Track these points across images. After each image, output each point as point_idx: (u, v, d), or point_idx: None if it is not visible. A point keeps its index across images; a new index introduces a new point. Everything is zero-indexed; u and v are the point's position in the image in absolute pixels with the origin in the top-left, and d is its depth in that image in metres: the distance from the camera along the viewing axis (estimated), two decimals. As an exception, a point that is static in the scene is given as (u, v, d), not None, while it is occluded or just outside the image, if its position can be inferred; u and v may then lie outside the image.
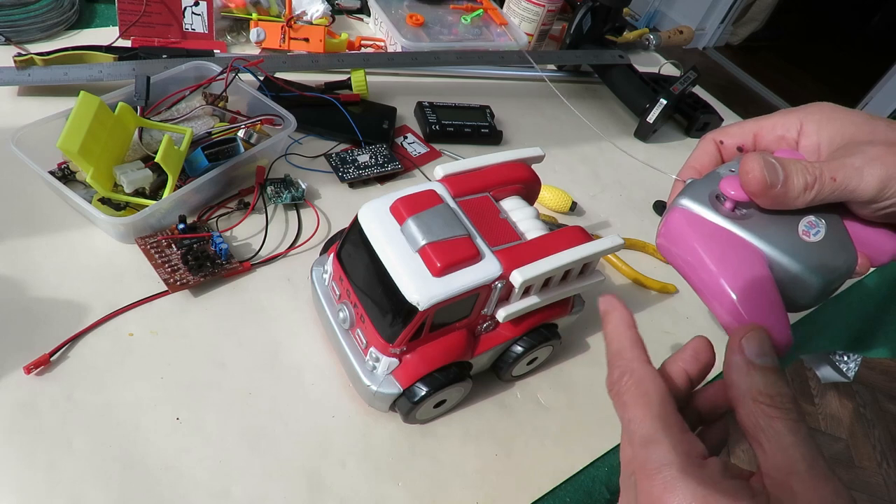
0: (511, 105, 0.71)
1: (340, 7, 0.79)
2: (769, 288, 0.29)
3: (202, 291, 0.43)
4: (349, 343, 0.37)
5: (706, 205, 0.31)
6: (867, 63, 2.64)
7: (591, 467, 0.41)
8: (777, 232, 0.30)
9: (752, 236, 0.30)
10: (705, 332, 0.51)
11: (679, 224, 0.31)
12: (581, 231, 0.39)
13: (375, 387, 0.36)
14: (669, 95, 0.69)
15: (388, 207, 0.35)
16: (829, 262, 0.30)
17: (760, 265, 0.29)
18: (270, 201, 0.50)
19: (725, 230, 0.30)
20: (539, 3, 0.77)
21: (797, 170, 0.29)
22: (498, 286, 0.34)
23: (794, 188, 0.29)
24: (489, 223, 0.37)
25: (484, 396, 0.42)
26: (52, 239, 0.43)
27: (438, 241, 0.33)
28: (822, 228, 0.31)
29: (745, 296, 0.29)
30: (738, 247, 0.30)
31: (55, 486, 0.32)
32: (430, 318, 0.33)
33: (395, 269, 0.33)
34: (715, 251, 0.30)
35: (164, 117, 0.49)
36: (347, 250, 0.37)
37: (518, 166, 0.41)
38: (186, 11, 0.63)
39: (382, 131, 0.60)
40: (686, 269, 0.31)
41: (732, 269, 0.29)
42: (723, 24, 3.04)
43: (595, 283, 0.40)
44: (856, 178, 0.28)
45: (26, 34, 0.59)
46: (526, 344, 0.39)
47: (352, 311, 0.37)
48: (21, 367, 0.35)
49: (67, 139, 0.39)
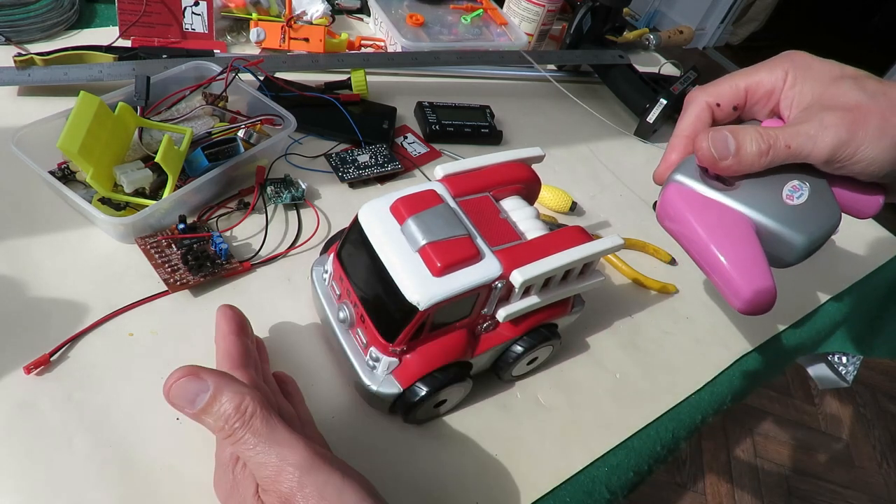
0: (511, 105, 0.71)
1: (340, 7, 0.79)
2: (756, 252, 0.33)
3: (202, 291, 0.43)
4: (349, 343, 0.37)
5: (697, 179, 0.34)
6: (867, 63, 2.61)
7: (591, 467, 0.41)
8: (763, 198, 0.34)
9: (739, 205, 0.33)
10: (705, 332, 0.52)
11: (674, 199, 0.35)
12: (581, 231, 0.39)
13: (375, 386, 0.36)
14: (669, 95, 0.69)
15: (389, 207, 0.35)
16: (812, 222, 0.33)
17: (748, 231, 0.33)
18: (270, 201, 0.50)
19: (715, 201, 0.34)
20: (539, 3, 0.77)
21: (751, 139, 0.32)
22: (498, 286, 0.34)
23: (747, 157, 0.32)
24: (489, 223, 0.37)
25: (484, 396, 0.42)
26: (52, 239, 0.43)
27: (438, 240, 0.33)
28: (805, 192, 0.34)
29: (733, 260, 0.33)
30: (726, 216, 0.33)
31: (55, 486, 0.32)
32: (430, 317, 0.33)
33: (395, 269, 0.33)
34: (706, 221, 0.33)
35: (164, 117, 0.49)
36: (348, 250, 0.37)
37: (518, 166, 0.41)
38: (186, 11, 0.63)
39: (382, 131, 0.60)
40: (682, 240, 0.35)
41: (721, 237, 0.33)
42: (723, 24, 3.04)
43: (595, 282, 0.40)
44: (809, 145, 0.32)
45: (26, 34, 0.59)
46: (526, 344, 0.39)
47: (352, 310, 0.36)
48: (21, 367, 0.35)
49: (67, 139, 0.39)
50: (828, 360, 0.76)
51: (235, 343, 0.34)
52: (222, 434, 0.28)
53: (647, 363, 0.48)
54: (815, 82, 0.34)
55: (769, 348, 0.53)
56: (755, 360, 0.51)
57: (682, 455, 1.38)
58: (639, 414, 0.44)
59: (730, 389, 0.49)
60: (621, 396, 0.45)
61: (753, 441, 1.46)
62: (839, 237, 0.63)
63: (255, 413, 0.27)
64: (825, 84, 0.33)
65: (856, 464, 1.47)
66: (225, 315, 0.36)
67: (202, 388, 0.28)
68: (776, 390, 1.59)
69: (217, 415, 0.27)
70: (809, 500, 1.37)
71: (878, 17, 3.52)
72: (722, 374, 0.49)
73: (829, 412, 1.58)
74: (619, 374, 0.46)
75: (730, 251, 0.33)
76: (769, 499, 1.35)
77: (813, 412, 1.57)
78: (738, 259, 0.32)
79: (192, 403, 0.28)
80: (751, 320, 0.54)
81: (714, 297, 0.55)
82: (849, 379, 0.75)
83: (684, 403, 0.46)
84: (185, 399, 0.28)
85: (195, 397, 0.28)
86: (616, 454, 0.42)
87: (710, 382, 0.48)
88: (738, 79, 0.36)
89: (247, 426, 0.27)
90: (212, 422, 0.28)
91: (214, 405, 0.27)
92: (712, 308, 0.54)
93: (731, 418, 1.49)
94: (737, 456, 1.42)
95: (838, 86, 0.33)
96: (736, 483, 1.37)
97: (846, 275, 0.63)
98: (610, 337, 0.49)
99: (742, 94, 0.36)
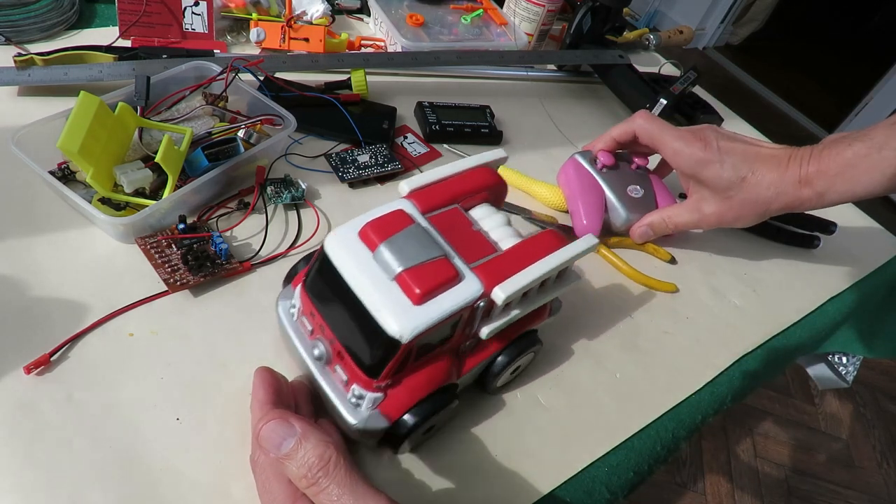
0: (511, 105, 0.71)
1: (340, 7, 0.79)
2: (599, 210, 0.55)
3: (202, 291, 0.43)
4: (327, 380, 0.35)
5: (589, 162, 0.56)
6: (867, 63, 2.64)
7: (591, 467, 0.41)
8: (616, 187, 0.56)
9: (604, 185, 0.55)
10: (705, 332, 0.52)
11: (571, 166, 0.57)
12: (556, 235, 0.38)
13: (361, 424, 0.33)
14: (669, 95, 0.69)
15: (357, 234, 0.33)
16: (636, 208, 0.55)
17: (600, 200, 0.55)
18: (270, 201, 0.50)
19: (592, 177, 0.56)
20: (539, 3, 0.77)
21: (659, 228, 0.55)
22: (480, 305, 0.33)
23: (655, 235, 0.55)
24: (463, 237, 0.35)
25: (484, 396, 0.42)
26: (52, 239, 0.43)
27: (415, 265, 0.31)
28: (640, 193, 0.56)
29: (587, 213, 0.54)
30: (594, 187, 0.55)
31: (55, 486, 0.32)
32: (414, 348, 0.31)
33: (372, 302, 0.30)
34: (581, 184, 0.55)
35: (164, 117, 0.49)
36: (317, 283, 0.34)
37: (483, 171, 0.40)
38: (186, 11, 0.63)
39: (382, 131, 0.60)
40: (567, 193, 0.57)
41: (585, 195, 0.55)
42: (723, 24, 3.04)
43: (573, 285, 0.39)
44: (682, 221, 0.53)
45: (26, 34, 0.59)
46: (510, 355, 0.38)
47: (328, 347, 0.34)
48: (21, 367, 0.35)
49: (67, 139, 0.39)
50: (828, 360, 0.76)
51: (272, 414, 0.31)
52: (305, 482, 0.27)
53: (647, 363, 0.48)
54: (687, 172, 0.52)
55: (769, 348, 0.53)
56: (755, 360, 0.51)
57: (682, 455, 1.38)
58: (639, 414, 0.44)
59: (730, 389, 0.49)
60: (621, 396, 0.45)
61: (753, 441, 1.46)
62: (839, 237, 0.63)
63: (338, 464, 0.27)
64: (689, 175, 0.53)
65: (856, 464, 1.47)
66: (263, 381, 0.34)
67: (290, 433, 0.28)
68: (776, 390, 1.59)
69: (301, 462, 0.27)
70: (809, 500, 1.37)
71: (878, 17, 3.52)
72: (722, 374, 0.49)
73: (829, 412, 1.58)
74: (619, 374, 0.46)
75: (586, 204, 0.55)
76: (769, 499, 1.35)
77: (813, 412, 1.57)
78: (587, 210, 0.54)
79: (279, 447, 0.28)
80: (751, 320, 0.54)
81: (714, 297, 0.55)
82: (849, 379, 0.75)
83: (684, 403, 0.46)
84: (273, 443, 0.28)
85: (282, 441, 0.28)
86: (616, 454, 0.42)
87: (710, 382, 0.48)
88: (665, 132, 0.52)
89: (330, 476, 0.27)
90: (295, 469, 0.28)
91: (300, 451, 0.28)
92: (712, 308, 0.54)
93: (731, 418, 1.49)
94: (737, 456, 1.42)
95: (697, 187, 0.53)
96: (736, 483, 1.37)
97: (846, 275, 0.63)
98: (610, 337, 0.49)
99: (650, 142, 0.54)
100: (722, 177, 0.48)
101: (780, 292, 0.58)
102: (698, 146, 0.49)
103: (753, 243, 0.62)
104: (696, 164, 0.49)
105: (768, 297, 0.57)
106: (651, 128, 0.53)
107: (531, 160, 0.64)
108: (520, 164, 0.62)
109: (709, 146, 0.49)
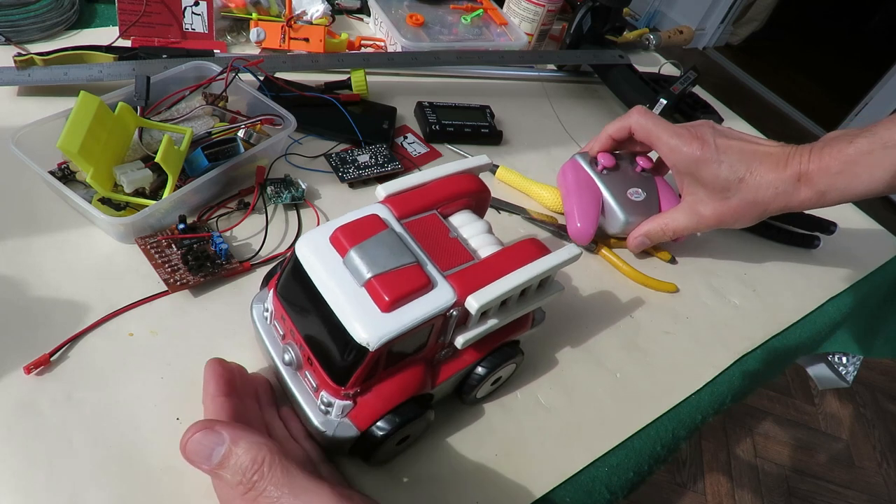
0: (511, 105, 0.71)
1: (340, 7, 0.79)
2: (595, 213, 0.53)
3: (202, 291, 0.43)
4: (298, 386, 0.34)
5: (588, 163, 0.55)
6: (867, 63, 2.64)
7: (591, 467, 0.41)
8: (616, 189, 0.54)
9: (602, 187, 0.54)
10: (705, 332, 0.52)
11: (570, 168, 0.56)
12: (536, 244, 0.37)
13: (330, 431, 0.33)
14: (669, 95, 0.69)
15: (328, 238, 0.32)
16: (635, 212, 0.54)
17: (597, 202, 0.54)
18: (270, 201, 0.50)
19: (590, 179, 0.55)
20: (539, 3, 0.77)
21: (656, 236, 0.53)
22: (454, 314, 0.32)
23: (653, 243, 0.55)
24: (439, 244, 0.35)
25: (484, 398, 0.42)
26: (52, 239, 0.43)
27: (385, 272, 0.30)
28: (642, 196, 0.55)
29: (581, 215, 0.53)
30: (593, 189, 0.54)
31: (55, 486, 0.32)
32: (382, 356, 0.31)
33: (340, 308, 0.30)
34: (578, 184, 0.54)
35: (164, 117, 0.49)
36: (288, 287, 0.34)
37: (464, 178, 0.39)
38: (186, 11, 0.63)
39: (382, 131, 0.60)
40: (564, 193, 0.56)
41: (581, 196, 0.54)
42: (723, 24, 3.04)
43: (555, 295, 0.38)
44: (680, 226, 0.52)
45: (26, 34, 0.59)
46: (489, 365, 0.37)
47: (297, 352, 0.33)
48: (21, 367, 0.35)
49: (67, 139, 0.39)
50: (828, 360, 0.76)
51: (224, 405, 0.32)
52: (241, 489, 0.26)
53: (647, 363, 0.48)
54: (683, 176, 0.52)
55: (769, 348, 0.53)
56: (755, 360, 0.51)
57: (682, 455, 1.38)
58: (639, 414, 0.44)
59: (730, 389, 0.49)
60: (621, 396, 0.45)
61: (753, 441, 1.46)
62: (839, 237, 0.63)
63: (273, 464, 0.26)
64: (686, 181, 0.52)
65: (856, 464, 1.47)
66: (213, 373, 0.33)
67: (218, 442, 0.27)
68: (776, 390, 1.59)
69: (234, 468, 0.26)
70: (809, 500, 1.37)
71: (878, 17, 3.52)
72: (722, 374, 0.49)
73: (829, 412, 1.58)
74: (619, 374, 0.46)
75: (581, 206, 0.53)
76: (769, 499, 1.35)
77: (813, 412, 1.57)
78: (582, 212, 0.53)
79: (209, 459, 0.26)
80: (751, 320, 0.54)
81: (714, 297, 0.55)
82: (849, 379, 0.75)
83: (684, 403, 0.46)
84: (202, 455, 0.26)
85: (211, 451, 0.26)
86: (616, 454, 0.42)
87: (710, 382, 0.48)
88: (661, 128, 0.51)
89: (266, 478, 0.26)
90: (229, 477, 0.26)
91: (231, 458, 0.26)
92: (712, 308, 0.54)
93: (731, 418, 1.49)
94: (737, 456, 1.42)
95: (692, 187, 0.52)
96: (736, 483, 1.36)
97: (846, 275, 0.63)
98: (610, 337, 0.49)
99: (646, 138, 0.53)
100: (719, 177, 0.47)
101: (779, 292, 0.58)
102: (695, 145, 0.48)
103: (753, 243, 0.62)
104: (693, 163, 0.48)
105: (768, 297, 0.57)
106: (647, 123, 0.51)
107: (531, 160, 0.64)
108: (520, 164, 0.62)
109: (706, 144, 0.47)
